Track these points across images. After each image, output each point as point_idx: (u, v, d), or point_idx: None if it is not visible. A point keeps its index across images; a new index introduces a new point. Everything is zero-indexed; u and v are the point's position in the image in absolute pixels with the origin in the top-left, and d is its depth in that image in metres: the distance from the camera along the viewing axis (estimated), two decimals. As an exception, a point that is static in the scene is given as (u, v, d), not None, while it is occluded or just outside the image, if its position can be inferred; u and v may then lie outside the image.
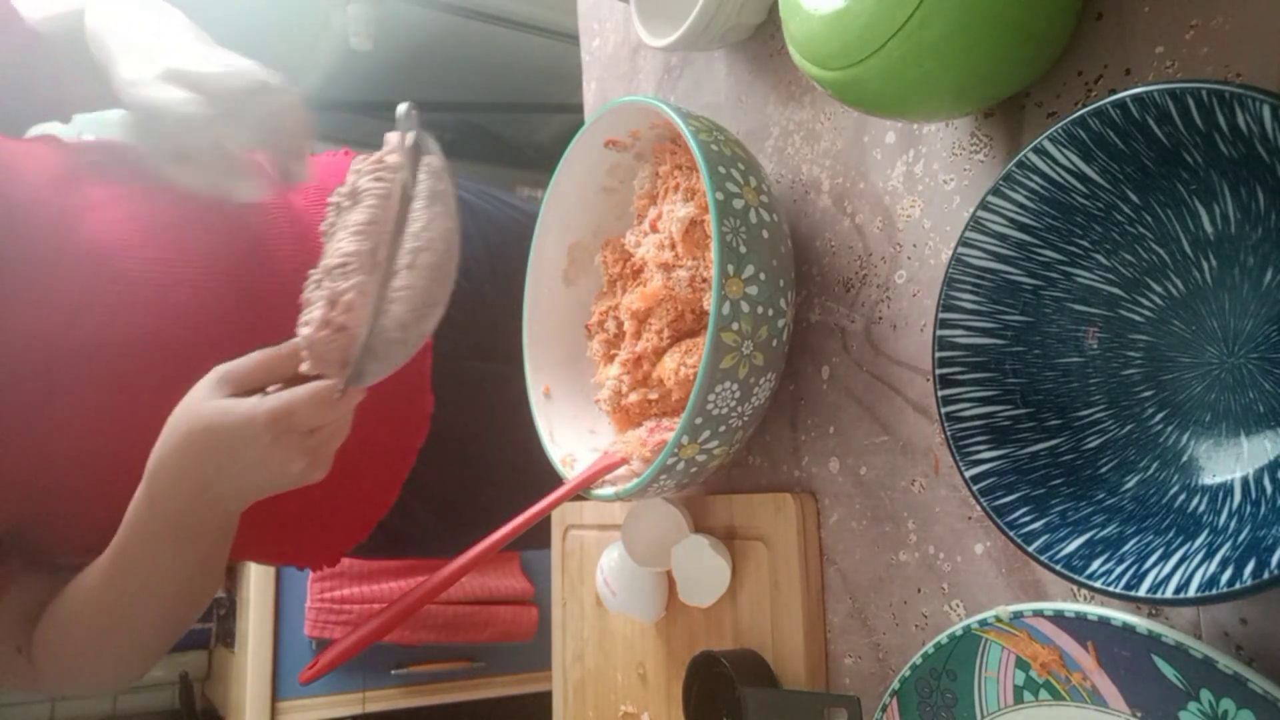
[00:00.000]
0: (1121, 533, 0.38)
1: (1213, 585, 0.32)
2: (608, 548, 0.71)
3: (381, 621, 0.56)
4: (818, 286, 0.60)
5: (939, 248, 0.52)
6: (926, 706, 0.46)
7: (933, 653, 0.45)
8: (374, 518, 0.81)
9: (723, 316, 0.51)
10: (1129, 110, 0.35)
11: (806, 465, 0.60)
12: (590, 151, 0.67)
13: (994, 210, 0.41)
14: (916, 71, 0.41)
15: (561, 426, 0.70)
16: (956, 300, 0.43)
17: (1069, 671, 0.40)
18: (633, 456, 0.62)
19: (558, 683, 0.82)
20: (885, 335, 0.55)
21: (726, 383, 0.53)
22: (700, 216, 0.59)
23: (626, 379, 0.65)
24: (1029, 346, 0.43)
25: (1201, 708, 0.35)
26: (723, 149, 0.55)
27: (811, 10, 0.43)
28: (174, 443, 0.52)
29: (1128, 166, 0.38)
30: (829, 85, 0.44)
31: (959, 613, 0.49)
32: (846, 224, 0.58)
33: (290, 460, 0.51)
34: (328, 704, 1.90)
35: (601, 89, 0.88)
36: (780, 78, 0.65)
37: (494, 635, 2.01)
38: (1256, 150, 0.34)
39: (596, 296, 0.72)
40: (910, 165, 0.54)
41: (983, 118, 0.50)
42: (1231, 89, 0.32)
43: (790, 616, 0.58)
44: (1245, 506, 0.36)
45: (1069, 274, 0.43)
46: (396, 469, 0.79)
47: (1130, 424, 0.41)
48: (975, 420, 0.43)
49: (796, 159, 0.63)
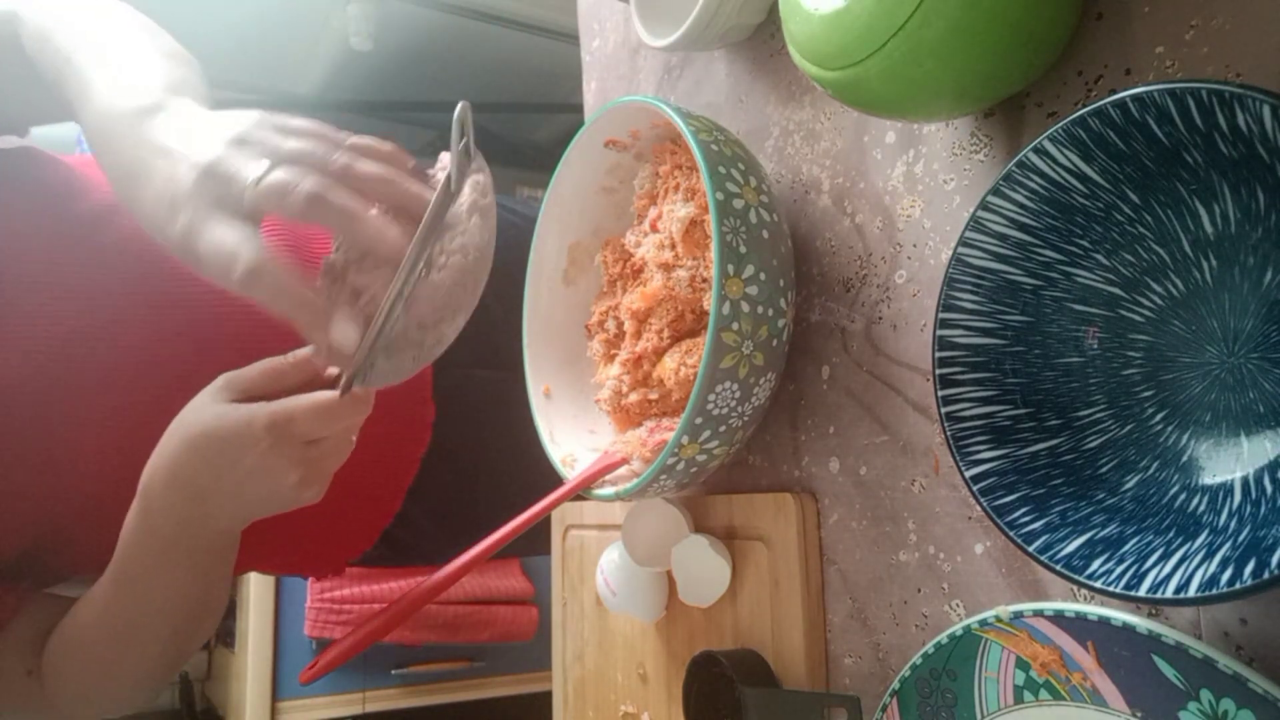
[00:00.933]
0: (1121, 533, 0.38)
1: (1213, 585, 0.32)
2: (608, 548, 0.71)
3: (381, 621, 0.55)
4: (818, 286, 0.60)
5: (939, 248, 0.52)
6: (926, 706, 0.46)
7: (933, 653, 0.45)
8: (378, 527, 0.81)
9: (723, 316, 0.51)
10: (1129, 110, 0.35)
11: (806, 465, 0.60)
12: (590, 151, 0.67)
13: (994, 210, 0.41)
14: (916, 71, 0.41)
15: (561, 426, 0.70)
16: (956, 300, 0.43)
17: (1069, 671, 0.40)
18: (633, 456, 0.62)
19: (558, 683, 0.82)
20: (885, 335, 0.55)
21: (726, 383, 0.53)
22: (700, 216, 0.59)
23: (626, 379, 0.65)
24: (1029, 346, 0.43)
25: (1201, 708, 0.35)
26: (723, 149, 0.55)
27: (811, 10, 0.43)
28: (170, 449, 0.51)
29: (1128, 166, 0.38)
30: (829, 85, 0.44)
31: (959, 613, 0.49)
32: (846, 224, 0.58)
33: (287, 471, 0.50)
34: (328, 704, 1.90)
35: (601, 89, 0.88)
36: (780, 78, 0.65)
37: (494, 635, 2.01)
38: (1256, 150, 0.34)
39: (596, 296, 0.72)
40: (910, 165, 0.54)
41: (983, 118, 0.50)
42: (1231, 89, 0.32)
43: (790, 616, 0.58)
44: (1245, 506, 0.36)
45: (1069, 274, 0.43)
46: (400, 478, 0.79)
47: (1130, 424, 0.41)
48: (975, 420, 0.43)
49: (796, 159, 0.63)
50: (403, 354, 0.49)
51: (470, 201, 0.49)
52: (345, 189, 0.46)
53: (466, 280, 0.49)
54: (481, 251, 0.50)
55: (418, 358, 0.50)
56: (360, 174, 0.47)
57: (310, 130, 0.48)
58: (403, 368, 0.49)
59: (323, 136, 0.48)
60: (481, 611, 1.99)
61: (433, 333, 0.49)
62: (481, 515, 0.84)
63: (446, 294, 0.48)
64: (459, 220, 0.49)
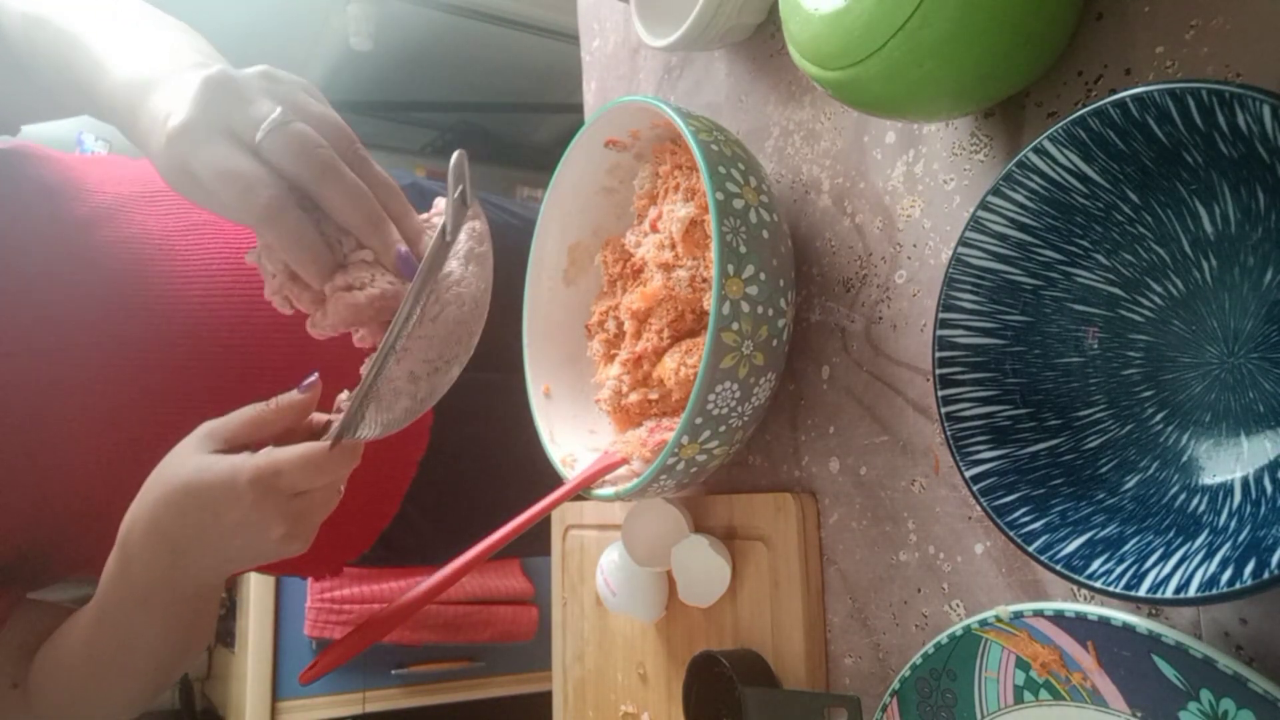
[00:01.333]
0: (1121, 533, 0.38)
1: (1213, 585, 0.32)
2: (608, 548, 0.71)
3: (381, 621, 0.55)
4: (818, 286, 0.60)
5: (939, 248, 0.52)
6: (926, 706, 0.46)
7: (933, 653, 0.45)
8: (376, 529, 0.81)
9: (723, 316, 0.51)
10: (1129, 110, 0.35)
11: (806, 465, 0.60)
12: (590, 151, 0.67)
13: (994, 210, 0.41)
14: (916, 71, 0.41)
15: (561, 426, 0.70)
16: (956, 300, 0.43)
17: (1069, 671, 0.40)
18: (633, 456, 0.62)
19: (558, 683, 0.82)
20: (885, 335, 0.55)
21: (726, 382, 0.53)
22: (700, 216, 0.59)
23: (627, 379, 0.65)
24: (1029, 346, 0.43)
25: (1201, 708, 0.35)
26: (723, 149, 0.55)
27: (811, 10, 0.43)
28: (149, 501, 0.49)
29: (1128, 166, 0.38)
30: (829, 85, 0.44)
31: (959, 613, 0.49)
32: (846, 224, 0.58)
33: (272, 525, 0.47)
34: (328, 704, 1.90)
35: (601, 89, 0.88)
36: (780, 78, 0.65)
37: (494, 635, 2.01)
38: (1256, 150, 0.34)
39: (596, 296, 0.72)
40: (910, 165, 0.54)
41: (983, 118, 0.50)
42: (1231, 89, 0.32)
43: (790, 616, 0.58)
44: (1245, 506, 0.36)
45: (1069, 274, 0.43)
46: (397, 481, 0.79)
47: (1130, 424, 0.41)
48: (975, 420, 0.43)
49: (796, 159, 0.63)
50: (394, 406, 0.47)
51: (466, 249, 0.48)
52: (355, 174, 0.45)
53: (461, 331, 0.47)
54: (477, 301, 0.48)
55: (410, 410, 0.48)
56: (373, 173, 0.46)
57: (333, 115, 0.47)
58: (394, 420, 0.48)
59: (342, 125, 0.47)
60: (481, 611, 1.99)
61: (425, 384, 0.47)
62: (480, 517, 0.84)
63: (441, 345, 0.47)
64: (454, 269, 0.47)
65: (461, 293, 0.47)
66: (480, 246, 0.49)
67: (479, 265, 0.48)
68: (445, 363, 0.47)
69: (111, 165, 0.69)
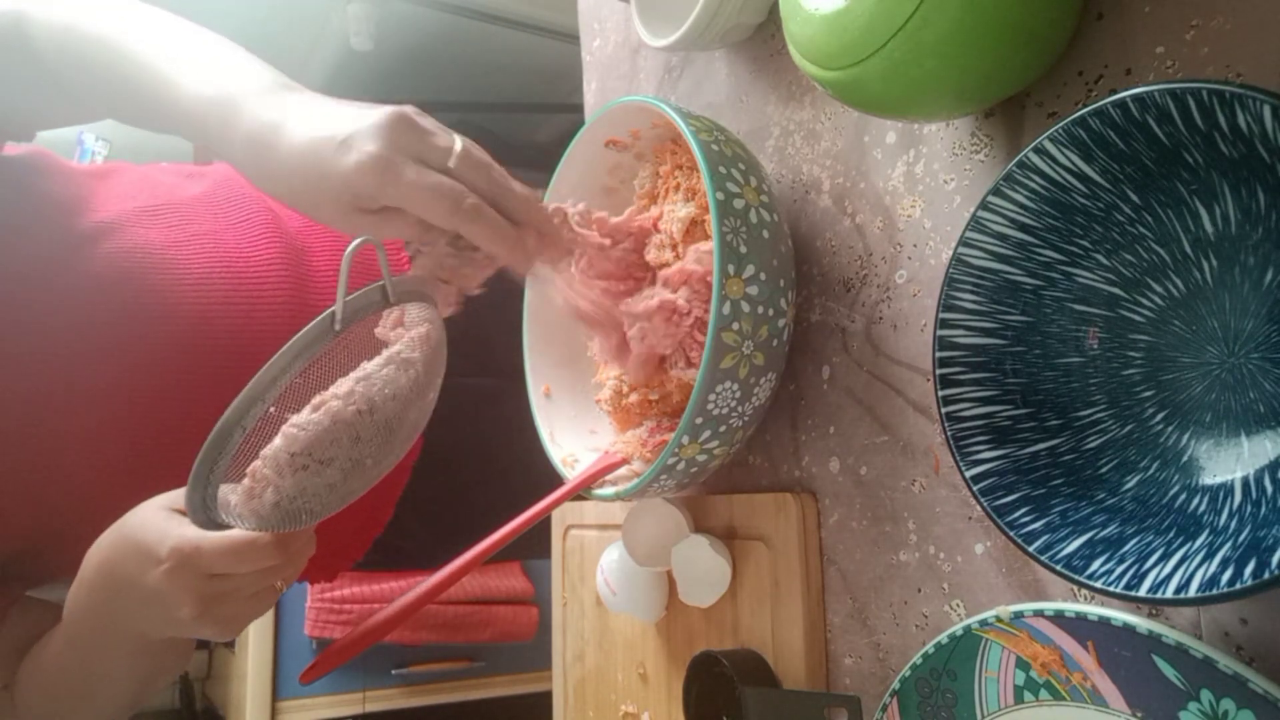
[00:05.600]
0: (1122, 533, 0.38)
1: (1213, 585, 0.32)
2: (608, 548, 0.71)
3: (381, 621, 0.55)
4: (818, 286, 0.60)
5: (939, 248, 0.52)
6: (927, 706, 0.46)
7: (933, 653, 0.45)
8: (371, 535, 0.81)
9: (723, 316, 0.51)
10: (1129, 110, 0.35)
11: (806, 465, 0.60)
12: (591, 151, 0.67)
13: (994, 210, 0.41)
14: (917, 71, 0.41)
15: (562, 427, 0.70)
16: (957, 300, 0.43)
17: (1069, 671, 0.40)
18: (633, 456, 0.62)
19: (558, 683, 0.82)
20: (885, 335, 0.55)
21: (727, 382, 0.53)
22: (701, 216, 0.59)
23: (627, 379, 0.65)
24: (1029, 346, 0.43)
25: (1202, 708, 0.35)
26: (723, 149, 0.55)
27: (812, 10, 0.43)
28: (107, 540, 0.50)
29: (1128, 166, 0.38)
30: (829, 85, 0.44)
31: (959, 613, 0.49)
32: (847, 224, 0.58)
33: (180, 601, 0.47)
34: (328, 704, 1.90)
35: (602, 89, 0.88)
36: (780, 78, 0.65)
37: (494, 635, 2.01)
38: (1257, 150, 0.34)
39: (597, 296, 0.72)
40: (911, 165, 0.54)
41: (983, 118, 0.50)
42: (1232, 89, 0.32)
43: (790, 616, 0.58)
44: (1245, 506, 0.36)
45: (1069, 274, 0.43)
46: (391, 487, 0.79)
47: (1130, 424, 0.41)
48: (975, 420, 0.43)
49: (797, 159, 0.63)
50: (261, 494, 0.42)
51: (393, 352, 0.45)
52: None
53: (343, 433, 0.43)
54: (377, 409, 0.43)
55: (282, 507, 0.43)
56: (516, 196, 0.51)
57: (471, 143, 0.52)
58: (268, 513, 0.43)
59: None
60: (481, 611, 1.99)
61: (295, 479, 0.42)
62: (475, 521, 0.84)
63: (311, 443, 0.42)
64: (360, 366, 0.44)
65: (357, 392, 0.43)
66: (410, 353, 0.46)
67: (403, 374, 0.45)
68: (318, 464, 0.42)
69: (116, 181, 0.70)
